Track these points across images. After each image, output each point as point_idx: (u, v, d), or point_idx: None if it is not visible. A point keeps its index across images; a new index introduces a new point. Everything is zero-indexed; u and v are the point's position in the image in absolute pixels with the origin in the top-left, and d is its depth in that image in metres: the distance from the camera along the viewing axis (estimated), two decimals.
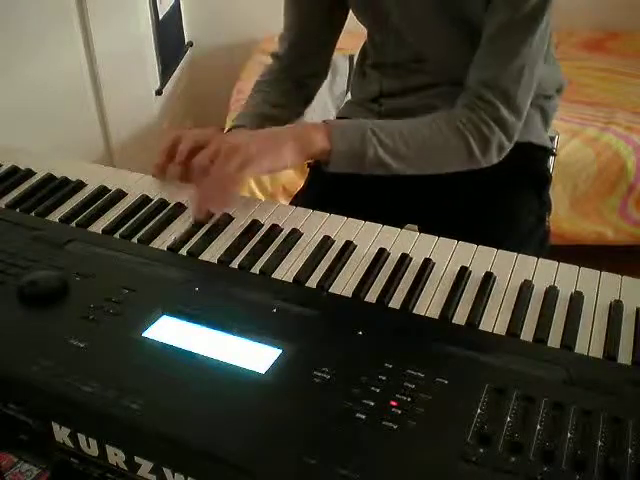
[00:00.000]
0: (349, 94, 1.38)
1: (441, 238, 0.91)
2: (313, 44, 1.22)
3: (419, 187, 1.12)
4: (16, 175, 1.06)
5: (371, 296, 0.81)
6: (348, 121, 1.04)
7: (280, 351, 0.70)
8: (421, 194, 1.16)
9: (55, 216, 0.96)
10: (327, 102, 2.35)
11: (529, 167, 1.20)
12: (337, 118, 1.36)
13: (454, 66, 1.09)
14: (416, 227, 1.22)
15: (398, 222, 0.99)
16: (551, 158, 1.27)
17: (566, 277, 0.83)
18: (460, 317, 0.77)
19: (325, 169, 1.00)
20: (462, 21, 1.03)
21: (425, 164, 1.02)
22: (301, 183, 1.40)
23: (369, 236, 0.92)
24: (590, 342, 0.74)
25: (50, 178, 1.05)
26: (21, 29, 1.95)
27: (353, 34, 1.33)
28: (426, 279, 0.83)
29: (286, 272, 0.85)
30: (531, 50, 0.98)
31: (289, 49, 1.23)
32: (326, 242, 0.90)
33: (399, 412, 0.63)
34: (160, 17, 2.65)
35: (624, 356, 0.72)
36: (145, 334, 0.73)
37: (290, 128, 1.02)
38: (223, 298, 0.80)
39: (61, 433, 0.66)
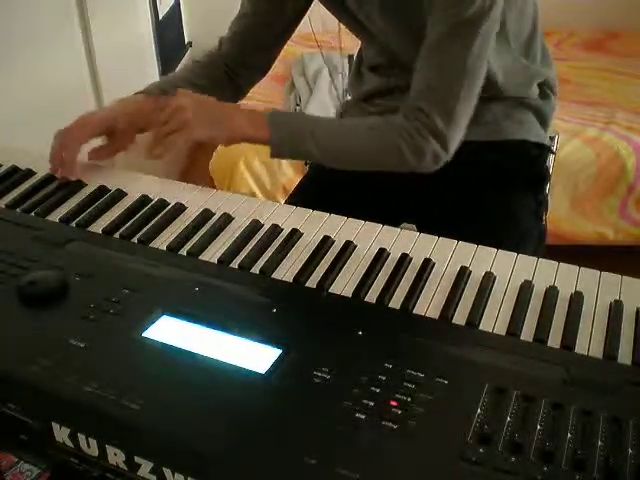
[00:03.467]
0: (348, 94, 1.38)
1: (441, 238, 0.91)
2: (260, 39, 1.20)
3: (416, 184, 1.11)
4: (16, 175, 1.06)
5: (371, 296, 0.81)
6: (293, 115, 1.07)
7: (280, 351, 0.70)
8: (418, 191, 1.16)
9: (55, 216, 0.96)
10: (327, 102, 2.35)
11: (526, 165, 1.20)
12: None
13: None
14: (414, 226, 1.22)
15: (395, 220, 0.99)
16: (550, 157, 1.27)
17: (566, 277, 0.83)
18: (460, 317, 0.77)
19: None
20: (417, 28, 1.02)
21: (358, 166, 1.07)
22: None
23: (369, 236, 0.92)
24: (590, 342, 0.74)
25: (50, 178, 1.05)
26: (21, 29, 1.95)
27: (352, 35, 1.33)
28: (426, 279, 0.83)
29: (286, 272, 0.85)
30: (469, 61, 0.96)
31: (234, 37, 1.21)
32: (326, 242, 0.90)
33: (399, 412, 0.63)
34: (160, 17, 2.65)
35: (624, 356, 0.72)
36: (145, 334, 0.73)
37: (235, 107, 1.05)
38: (223, 298, 0.80)
39: (61, 433, 0.66)
